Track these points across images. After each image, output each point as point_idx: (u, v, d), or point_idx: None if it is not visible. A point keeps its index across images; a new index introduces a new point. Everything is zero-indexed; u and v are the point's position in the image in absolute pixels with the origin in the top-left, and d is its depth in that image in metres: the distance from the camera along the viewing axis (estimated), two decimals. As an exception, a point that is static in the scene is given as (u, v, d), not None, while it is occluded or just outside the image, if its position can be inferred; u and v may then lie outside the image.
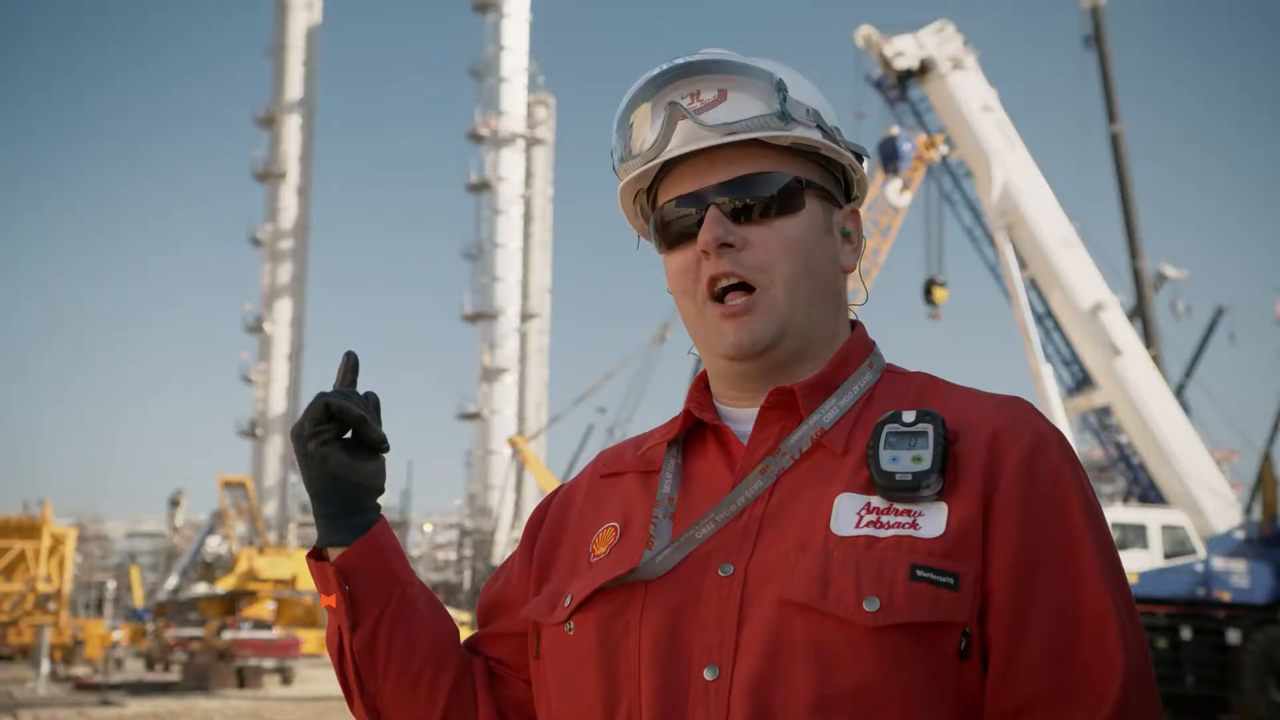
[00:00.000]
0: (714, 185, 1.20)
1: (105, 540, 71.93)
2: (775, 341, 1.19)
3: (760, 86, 1.21)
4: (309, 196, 59.41)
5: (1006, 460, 1.11)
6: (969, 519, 1.08)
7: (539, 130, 61.35)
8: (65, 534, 35.88)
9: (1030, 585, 1.08)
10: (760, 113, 1.19)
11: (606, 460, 1.36)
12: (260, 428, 57.78)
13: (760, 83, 1.21)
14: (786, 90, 1.20)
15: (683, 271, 1.22)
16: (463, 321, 55.26)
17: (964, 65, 22.99)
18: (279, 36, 59.28)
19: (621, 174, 1.28)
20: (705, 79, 1.22)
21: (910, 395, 1.22)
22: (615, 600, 1.16)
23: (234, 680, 25.28)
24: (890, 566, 1.06)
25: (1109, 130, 29.57)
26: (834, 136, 1.24)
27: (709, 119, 1.19)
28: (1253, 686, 13.64)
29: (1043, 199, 22.27)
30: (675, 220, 1.23)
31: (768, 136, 1.19)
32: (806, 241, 1.21)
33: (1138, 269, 28.80)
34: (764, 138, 1.20)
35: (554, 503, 1.36)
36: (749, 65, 1.22)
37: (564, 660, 1.19)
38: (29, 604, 34.05)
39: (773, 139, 1.20)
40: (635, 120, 1.24)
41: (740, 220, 1.19)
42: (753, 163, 1.20)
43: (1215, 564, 14.82)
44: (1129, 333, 22.53)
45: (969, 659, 1.07)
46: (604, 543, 1.23)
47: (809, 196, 1.22)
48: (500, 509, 46.37)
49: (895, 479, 1.09)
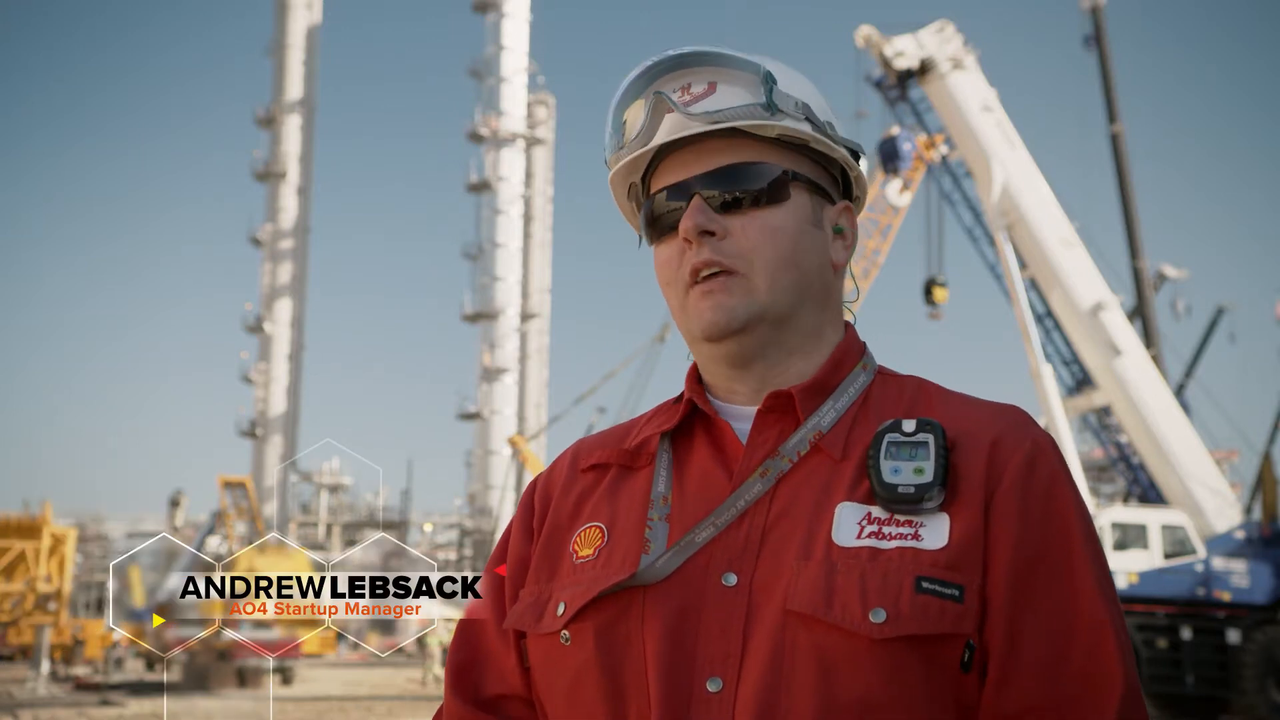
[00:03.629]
0: (699, 175, 1.20)
1: (105, 540, 71.92)
2: (750, 324, 1.18)
3: (749, 79, 1.21)
4: (309, 196, 59.36)
5: (1005, 470, 1.11)
6: (971, 530, 1.08)
7: (539, 130, 61.33)
8: (65, 534, 35.82)
9: (1028, 592, 1.07)
10: (745, 102, 1.19)
11: (587, 451, 1.31)
12: (260, 428, 57.72)
13: (749, 74, 1.21)
14: (774, 82, 1.20)
15: (668, 262, 1.22)
16: (463, 321, 55.22)
17: (964, 65, 22.96)
18: (279, 36, 59.23)
19: (611, 164, 1.27)
20: (696, 71, 1.22)
21: (905, 399, 1.21)
22: (612, 607, 1.13)
23: (234, 680, 25.28)
24: (895, 579, 1.06)
25: (1109, 130, 29.51)
26: (825, 131, 1.23)
27: (695, 109, 1.19)
28: (1253, 686, 13.63)
29: (1043, 199, 22.25)
30: (664, 212, 1.22)
31: (753, 126, 1.19)
32: (790, 231, 1.20)
33: (1138, 269, 28.76)
34: (749, 128, 1.19)
35: (536, 494, 1.32)
36: (738, 58, 1.22)
37: (562, 672, 1.15)
38: (29, 604, 33.98)
39: (758, 129, 1.20)
40: (628, 115, 1.24)
41: (726, 210, 1.19)
42: (738, 153, 1.20)
43: (1215, 564, 14.81)
44: (1129, 333, 22.50)
45: (971, 671, 1.07)
46: (589, 544, 1.20)
47: (796, 188, 1.22)
48: (500, 509, 46.32)
49: (898, 491, 1.09)
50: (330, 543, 61.68)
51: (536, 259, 62.23)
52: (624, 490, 1.23)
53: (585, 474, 1.29)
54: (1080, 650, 1.06)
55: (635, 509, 1.20)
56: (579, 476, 1.29)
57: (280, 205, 58.22)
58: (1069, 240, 22.16)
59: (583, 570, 1.18)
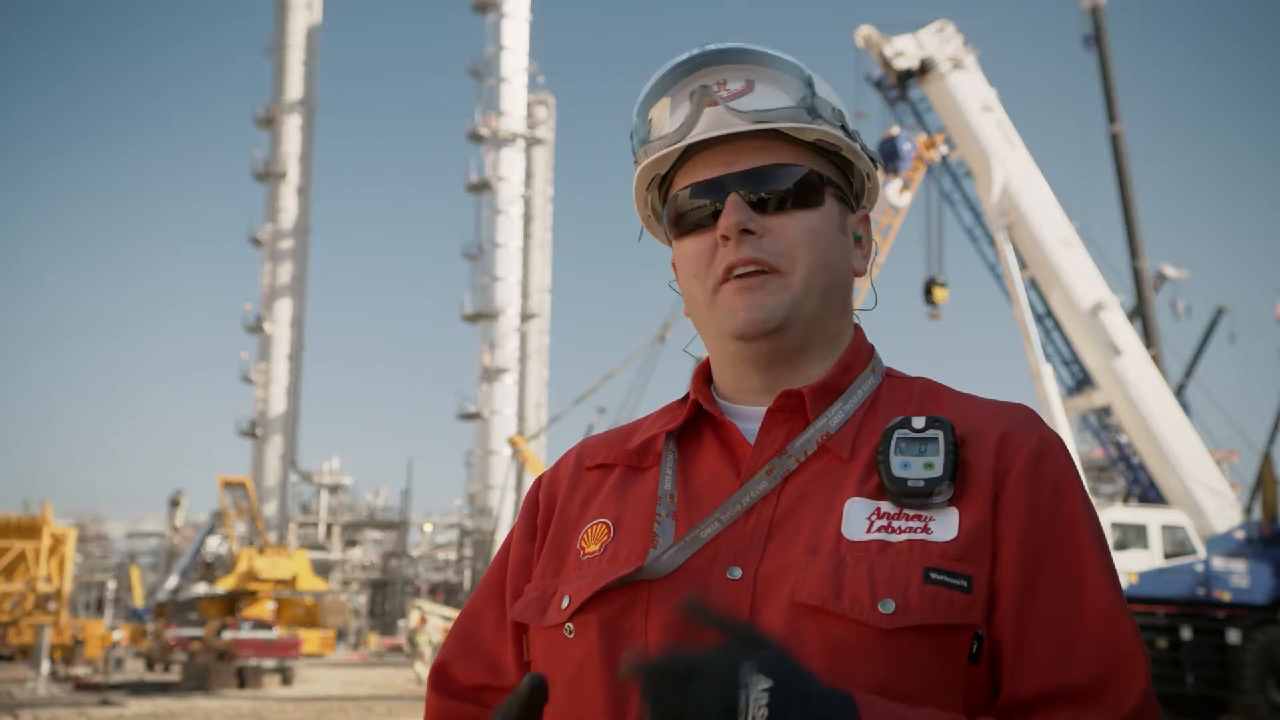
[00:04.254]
0: (736, 173, 1.20)
1: (105, 540, 71.89)
2: (785, 323, 1.18)
3: (788, 80, 1.21)
4: (309, 196, 59.39)
5: (1013, 464, 1.12)
6: (980, 523, 1.09)
7: (539, 130, 61.35)
8: (65, 534, 35.85)
9: (1038, 582, 1.08)
10: (788, 104, 1.19)
11: (592, 450, 1.32)
12: (260, 428, 57.71)
13: (788, 76, 1.21)
14: (815, 86, 1.21)
15: (696, 257, 1.21)
16: (463, 321, 55.30)
17: (964, 65, 22.96)
18: (279, 36, 59.24)
19: (640, 157, 1.26)
20: (734, 68, 1.22)
21: (914, 400, 1.22)
22: (617, 601, 1.13)
23: (234, 680, 25.29)
24: (904, 570, 1.06)
25: (1109, 130, 29.53)
26: (856, 138, 1.25)
27: (739, 105, 1.19)
28: (1253, 686, 13.64)
29: (1043, 199, 22.25)
30: (693, 209, 1.22)
31: (793, 129, 1.19)
32: (825, 235, 1.21)
33: (1138, 269, 28.77)
34: (789, 130, 1.20)
35: (541, 491, 1.32)
36: (778, 57, 1.22)
37: (564, 665, 1.15)
38: (29, 604, 34.03)
39: (798, 132, 1.20)
40: (660, 104, 1.24)
41: (760, 210, 1.19)
42: (775, 154, 1.20)
43: (1215, 564, 14.82)
44: (1129, 333, 22.50)
45: (979, 662, 1.07)
46: (595, 540, 1.20)
47: (828, 194, 1.22)
48: (500, 509, 46.31)
49: (907, 485, 1.09)
50: (330, 543, 61.67)
51: (536, 259, 62.23)
52: (631, 488, 1.23)
53: (591, 472, 1.29)
54: (1097, 636, 1.07)
55: (642, 506, 1.20)
56: (584, 475, 1.29)
57: (280, 205, 58.22)
58: (1069, 240, 22.16)
59: (589, 565, 1.18)
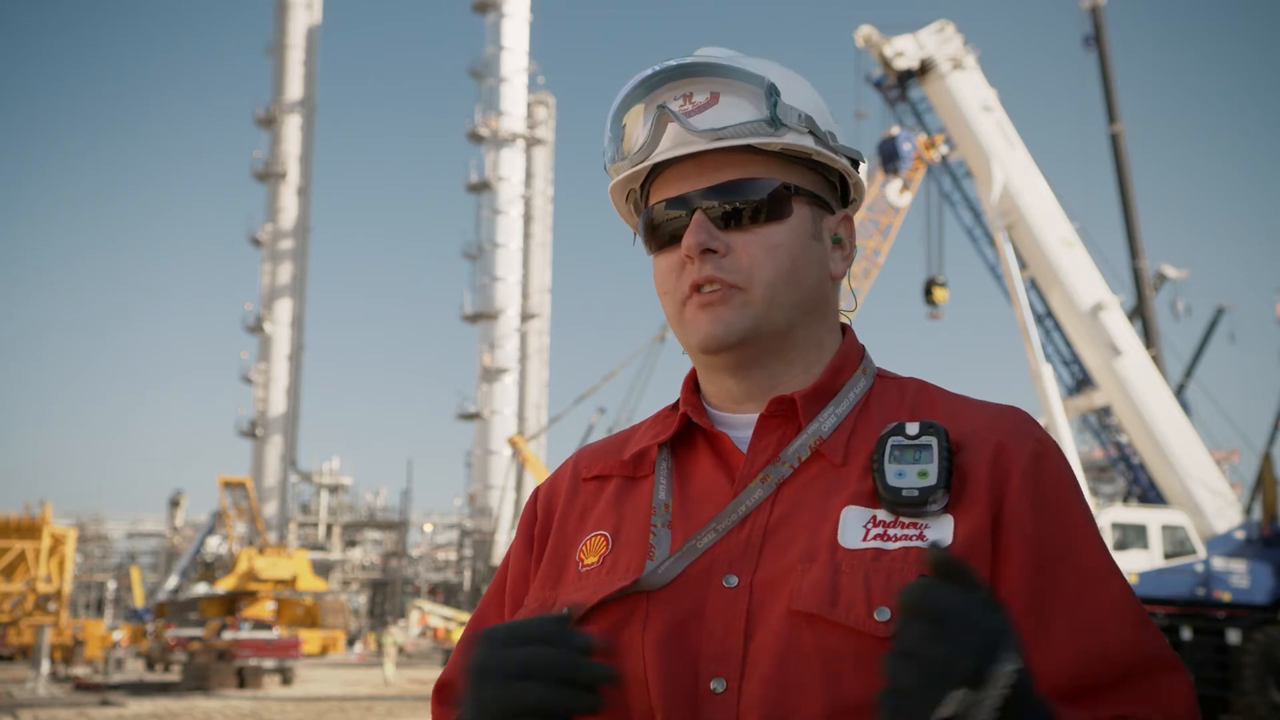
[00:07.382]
0: (701, 189, 1.20)
1: (105, 540, 71.88)
2: (746, 339, 1.19)
3: (752, 90, 1.20)
4: (309, 196, 59.38)
5: (1012, 471, 1.12)
6: (977, 531, 1.09)
7: (539, 130, 61.34)
8: (65, 534, 35.86)
9: (1052, 585, 1.08)
10: (750, 118, 1.18)
11: (588, 461, 1.32)
12: (260, 428, 57.70)
13: (752, 86, 1.20)
14: (779, 95, 1.19)
15: (666, 273, 1.22)
16: (463, 321, 55.29)
17: (964, 65, 22.98)
18: (279, 36, 59.25)
19: (611, 174, 1.27)
20: (698, 81, 1.21)
21: (906, 402, 1.22)
22: (616, 612, 1.13)
23: (234, 680, 25.30)
24: (900, 577, 1.06)
25: (1109, 130, 29.54)
26: (827, 142, 1.23)
27: (698, 123, 1.19)
28: (1253, 686, 13.63)
29: (1042, 199, 22.26)
30: (664, 223, 1.22)
31: (757, 143, 1.19)
32: (791, 248, 1.20)
33: (1138, 269, 28.77)
34: (753, 143, 1.19)
35: (539, 502, 1.33)
36: (741, 69, 1.21)
37: None
38: (29, 604, 34.03)
39: (762, 145, 1.19)
40: (627, 121, 1.24)
41: (727, 225, 1.19)
42: (741, 168, 1.20)
43: (1215, 564, 14.81)
44: (1129, 333, 22.51)
45: None
46: (594, 552, 1.21)
47: (797, 202, 1.21)
48: (500, 509, 46.36)
49: (902, 494, 1.09)
50: (330, 543, 61.67)
51: (536, 259, 62.23)
52: (628, 499, 1.24)
53: (588, 484, 1.29)
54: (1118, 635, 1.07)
55: (639, 517, 1.21)
56: (582, 486, 1.30)
57: (280, 205, 58.22)
58: (1069, 240, 22.18)
59: (587, 577, 1.19)
